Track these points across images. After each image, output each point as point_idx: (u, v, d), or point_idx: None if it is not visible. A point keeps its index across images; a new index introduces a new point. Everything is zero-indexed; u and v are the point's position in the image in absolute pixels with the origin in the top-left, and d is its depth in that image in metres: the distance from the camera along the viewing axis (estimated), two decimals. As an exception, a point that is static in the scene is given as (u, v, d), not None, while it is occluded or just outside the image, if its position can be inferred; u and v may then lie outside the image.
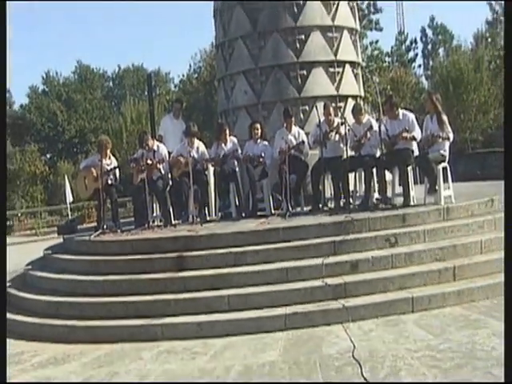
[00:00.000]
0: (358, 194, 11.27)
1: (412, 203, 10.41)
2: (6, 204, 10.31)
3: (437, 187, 10.31)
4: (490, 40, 48.98)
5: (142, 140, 11.96)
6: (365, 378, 5.80)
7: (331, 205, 11.10)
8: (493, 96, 39.34)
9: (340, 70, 13.44)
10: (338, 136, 11.03)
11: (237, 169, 11.67)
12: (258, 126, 11.82)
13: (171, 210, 11.63)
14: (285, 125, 11.69)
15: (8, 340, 8.57)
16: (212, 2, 14.40)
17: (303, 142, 11.32)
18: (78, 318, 8.70)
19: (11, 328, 9.11)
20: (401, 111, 10.87)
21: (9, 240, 30.80)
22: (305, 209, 11.16)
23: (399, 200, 10.55)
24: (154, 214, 11.89)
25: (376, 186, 10.85)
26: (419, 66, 60.51)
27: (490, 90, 39.28)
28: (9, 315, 9.44)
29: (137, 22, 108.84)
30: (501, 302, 7.80)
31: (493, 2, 55.71)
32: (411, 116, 10.77)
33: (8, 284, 11.16)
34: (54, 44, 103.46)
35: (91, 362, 7.39)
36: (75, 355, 7.72)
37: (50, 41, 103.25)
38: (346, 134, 10.89)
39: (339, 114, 12.75)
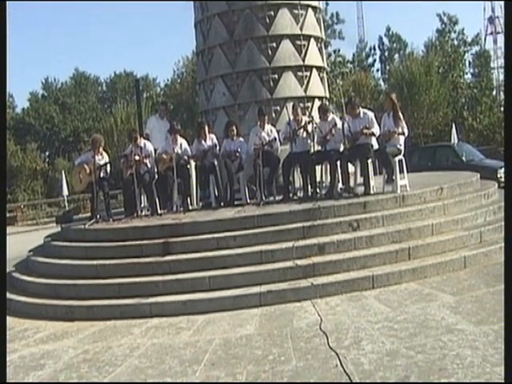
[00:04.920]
0: (324, 185, 11.28)
1: (372, 192, 10.44)
2: (5, 201, 10.25)
3: (394, 177, 10.36)
4: (439, 47, 49.28)
5: (131, 136, 11.96)
6: (331, 348, 5.82)
7: (300, 194, 11.09)
8: (442, 96, 39.76)
9: (307, 73, 13.45)
10: (305, 133, 11.03)
11: (216, 163, 11.64)
12: (233, 125, 11.81)
13: (157, 200, 11.57)
14: (259, 123, 11.68)
15: (13, 318, 8.65)
16: (193, 14, 14.33)
17: (275, 138, 11.32)
18: (75, 299, 8.67)
19: (16, 308, 9.12)
20: (361, 110, 10.88)
21: (13, 229, 30.76)
22: (277, 198, 11.14)
23: (361, 189, 10.58)
24: (142, 205, 11.83)
25: (340, 177, 10.87)
26: (377, 70, 60.80)
27: (440, 92, 39.69)
28: (13, 296, 9.45)
29: (129, 32, 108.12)
30: (450, 278, 7.94)
31: (441, 15, 56.00)
32: (371, 114, 10.79)
33: (12, 268, 11.13)
34: (54, 52, 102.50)
35: (87, 338, 7.36)
36: (73, 332, 7.69)
37: (51, 48, 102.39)
38: (312, 131, 10.93)
39: (307, 113, 12.77)
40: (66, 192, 33.80)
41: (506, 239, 5.60)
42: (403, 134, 10.55)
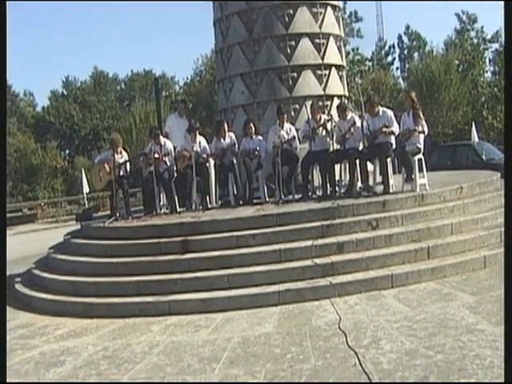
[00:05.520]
0: (343, 183, 11.24)
1: (391, 191, 10.40)
2: (5, 200, 10.29)
3: (413, 176, 10.31)
4: (458, 46, 49.00)
5: (152, 133, 12.09)
6: (349, 347, 5.81)
7: (319, 193, 11.08)
8: (461, 95, 39.52)
9: (326, 72, 13.40)
10: (324, 131, 11.02)
11: (235, 161, 11.66)
12: (252, 123, 11.82)
13: (176, 198, 11.60)
14: (278, 121, 11.66)
15: (33, 315, 8.76)
16: (212, 13, 14.36)
17: (294, 137, 11.31)
18: (94, 296, 8.72)
19: (36, 304, 9.22)
20: (381, 109, 10.84)
21: (33, 227, 31.02)
22: (296, 196, 11.13)
23: (380, 188, 10.54)
24: (161, 203, 11.88)
25: (359, 175, 10.83)
26: (397, 68, 60.69)
27: (459, 90, 39.45)
28: (34, 293, 9.56)
29: (147, 31, 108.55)
30: (469, 277, 7.88)
31: (460, 14, 55.74)
32: (390, 113, 10.75)
33: (33, 266, 11.23)
34: (73, 50, 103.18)
35: (106, 335, 7.40)
36: (92, 329, 7.73)
37: (70, 47, 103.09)
38: (332, 129, 10.91)
39: (326, 112, 12.74)
40: (85, 190, 34.00)
41: (506, 239, 5.57)
42: (423, 132, 10.50)
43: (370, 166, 10.82)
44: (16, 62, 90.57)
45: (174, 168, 11.84)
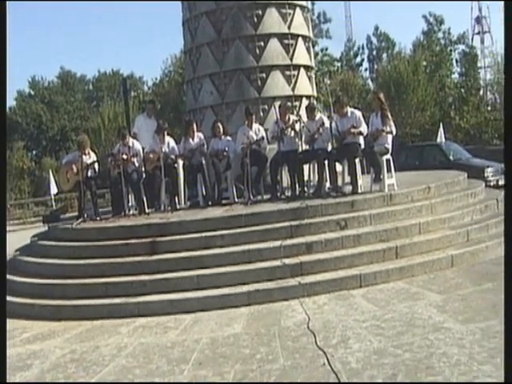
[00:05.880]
0: (311, 184, 11.28)
1: (360, 191, 10.45)
2: (5, 200, 10.20)
3: (381, 176, 10.38)
4: (426, 47, 49.48)
5: (121, 133, 11.99)
6: (318, 347, 5.82)
7: (288, 193, 11.10)
8: (429, 96, 39.93)
9: (295, 72, 13.44)
10: (293, 132, 11.04)
11: (203, 162, 11.64)
12: (220, 124, 11.81)
13: (145, 199, 11.55)
14: (246, 122, 11.66)
15: (-2, 319, 8.54)
16: (181, 13, 14.31)
17: (263, 137, 11.33)
18: (62, 298, 8.64)
19: (1, 308, 9.05)
20: (349, 109, 10.89)
21: (-1, 229, 30.41)
22: (265, 197, 11.13)
23: (348, 188, 10.60)
24: (130, 204, 11.80)
25: (328, 176, 10.88)
26: (365, 69, 61.04)
27: (427, 91, 39.86)
28: None
29: (113, 30, 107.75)
30: (437, 276, 7.97)
31: (427, 15, 56.34)
32: (358, 113, 10.80)
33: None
34: (39, 49, 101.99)
35: (74, 337, 7.34)
36: (60, 331, 7.66)
37: (36, 46, 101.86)
38: (300, 130, 10.94)
39: (295, 112, 12.77)
40: (53, 191, 33.65)
41: (506, 238, 5.61)
42: (391, 132, 10.58)
43: (338, 167, 10.87)
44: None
45: (143, 169, 11.78)
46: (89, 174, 11.46)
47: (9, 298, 9.13)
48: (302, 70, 13.59)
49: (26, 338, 7.54)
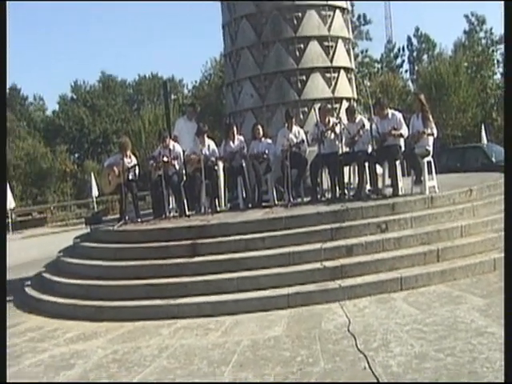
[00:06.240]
0: (352, 186, 11.23)
1: (400, 193, 10.38)
2: (6, 202, 10.36)
3: (422, 179, 10.30)
4: (468, 48, 48.90)
5: (161, 136, 12.06)
6: (359, 350, 5.80)
7: (328, 195, 11.07)
8: (470, 97, 39.45)
9: (335, 75, 13.39)
10: (333, 134, 11.02)
11: (243, 164, 11.67)
12: (259, 126, 11.86)
13: (185, 202, 11.61)
14: (286, 125, 11.66)
15: (43, 318, 8.80)
16: (221, 16, 14.38)
17: (303, 140, 11.33)
18: (104, 299, 8.73)
19: (46, 308, 9.24)
20: (390, 111, 10.84)
21: (42, 230, 31.11)
22: (305, 199, 11.13)
23: (389, 191, 10.52)
24: (170, 206, 11.90)
25: (368, 178, 10.83)
26: (406, 71, 60.58)
27: (468, 92, 39.39)
28: (44, 296, 9.60)
29: (154, 35, 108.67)
30: (479, 280, 7.86)
31: (469, 15, 55.65)
32: (399, 115, 10.74)
33: (43, 269, 11.26)
34: (80, 54, 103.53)
35: (116, 338, 7.42)
36: (102, 332, 7.75)
37: (77, 51, 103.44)
38: (340, 132, 10.90)
39: (335, 115, 12.73)
40: (95, 193, 34.14)
41: (506, 238, 5.54)
42: (432, 134, 10.49)
43: (379, 169, 10.80)
44: (25, 66, 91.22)
45: (183, 171, 11.87)
46: (130, 176, 11.59)
47: (52, 299, 9.36)
48: (342, 71, 13.54)
49: (69, 338, 7.65)
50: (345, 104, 13.18)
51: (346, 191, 10.94)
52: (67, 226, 32.17)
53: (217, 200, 11.83)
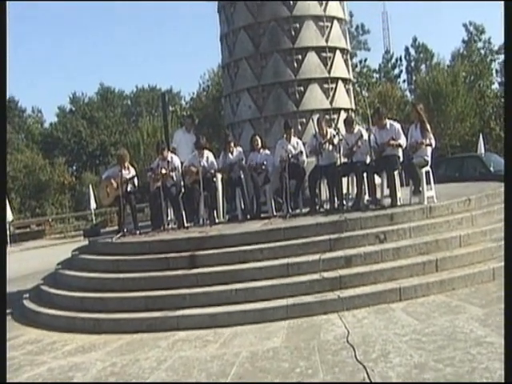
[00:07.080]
0: (350, 197, 11.24)
1: (399, 203, 10.40)
2: (6, 211, 10.36)
3: (421, 189, 10.31)
4: (466, 57, 49.05)
5: (159, 148, 12.09)
6: (358, 361, 5.80)
7: (327, 206, 11.08)
8: (468, 106, 39.50)
9: (333, 85, 13.42)
10: (331, 145, 11.04)
11: (242, 176, 11.70)
12: (258, 138, 11.88)
13: (184, 213, 11.63)
14: (285, 136, 11.70)
15: (41, 331, 8.79)
16: (218, 27, 14.44)
17: (301, 151, 11.35)
18: (102, 312, 8.73)
19: (44, 320, 9.24)
20: (388, 121, 10.86)
21: (41, 243, 31.06)
22: (303, 210, 11.14)
23: (387, 201, 10.54)
24: (169, 218, 11.91)
25: (366, 188, 10.84)
26: (404, 81, 60.75)
27: (466, 102, 39.44)
28: (42, 309, 9.59)
29: (150, 47, 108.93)
30: (478, 290, 7.86)
31: (467, 25, 55.87)
32: (397, 126, 10.77)
33: (41, 281, 11.26)
34: (79, 66, 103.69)
35: (114, 351, 7.41)
36: (100, 344, 7.75)
37: (77, 63, 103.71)
38: (338, 143, 10.92)
39: (333, 125, 12.76)
40: (93, 205, 34.12)
41: (506, 238, 5.55)
42: (430, 145, 10.51)
43: (377, 179, 10.82)
44: (23, 78, 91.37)
45: (182, 183, 11.88)
46: (128, 188, 11.61)
47: (50, 311, 9.35)
48: (340, 82, 13.58)
49: (67, 351, 7.65)
50: (343, 115, 13.20)
51: (344, 202, 10.95)
52: (66, 239, 32.11)
53: (215, 211, 11.84)
